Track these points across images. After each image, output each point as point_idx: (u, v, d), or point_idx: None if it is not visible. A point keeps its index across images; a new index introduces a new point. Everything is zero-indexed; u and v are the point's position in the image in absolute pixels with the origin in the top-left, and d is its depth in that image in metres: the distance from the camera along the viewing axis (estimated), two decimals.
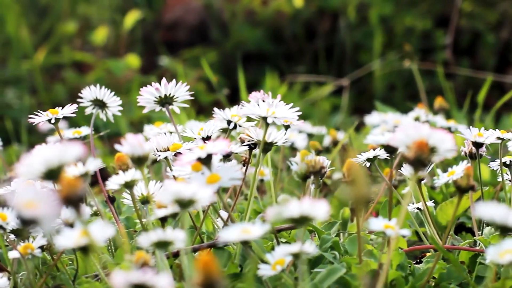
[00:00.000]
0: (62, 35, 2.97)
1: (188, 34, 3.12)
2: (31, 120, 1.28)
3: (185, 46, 3.05)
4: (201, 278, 0.79)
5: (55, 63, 2.91)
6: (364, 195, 0.79)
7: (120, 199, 1.35)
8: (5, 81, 2.65)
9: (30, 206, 0.78)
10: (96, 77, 2.73)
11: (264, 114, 1.18)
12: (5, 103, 2.54)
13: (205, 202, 0.95)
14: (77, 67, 2.98)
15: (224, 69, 2.89)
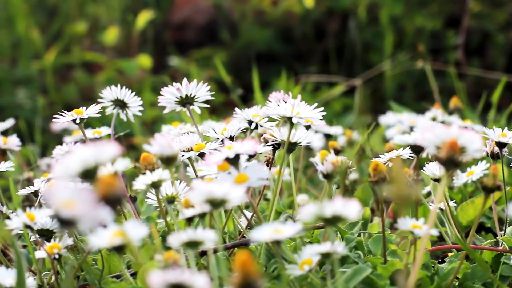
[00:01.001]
0: (72, 35, 2.97)
1: (197, 34, 3.12)
2: (56, 120, 1.28)
3: (194, 46, 3.06)
4: (240, 278, 0.79)
5: (65, 63, 2.91)
6: (406, 195, 0.79)
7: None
8: (15, 81, 2.65)
9: (68, 206, 0.78)
10: (107, 77, 2.73)
11: (289, 114, 1.18)
12: (16, 103, 2.54)
13: (237, 202, 0.95)
14: (87, 67, 2.98)
15: (233, 69, 2.89)
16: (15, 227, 1.05)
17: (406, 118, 1.82)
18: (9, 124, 1.72)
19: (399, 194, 0.79)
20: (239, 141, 1.07)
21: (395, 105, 2.05)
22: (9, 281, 1.08)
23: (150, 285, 0.81)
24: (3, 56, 2.71)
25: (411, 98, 2.65)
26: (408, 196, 0.79)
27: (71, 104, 2.73)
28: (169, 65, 2.90)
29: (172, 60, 2.87)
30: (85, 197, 0.78)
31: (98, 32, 3.16)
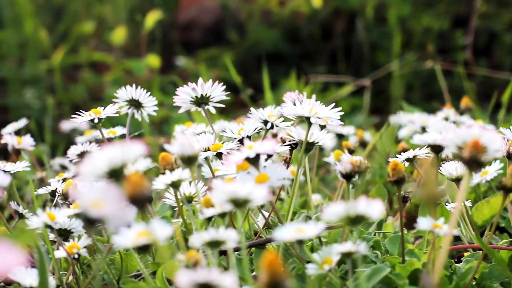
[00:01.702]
0: (79, 35, 2.97)
1: (203, 34, 3.13)
2: (73, 120, 1.28)
3: (200, 46, 3.06)
4: (267, 278, 0.79)
5: (72, 63, 2.91)
6: (434, 195, 0.80)
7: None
8: (23, 81, 2.65)
9: (96, 205, 0.78)
10: (114, 78, 2.73)
11: (308, 114, 1.19)
12: (24, 103, 2.54)
13: (260, 202, 0.95)
14: (93, 67, 2.99)
15: (240, 69, 2.89)
16: (35, 227, 1.05)
17: (418, 118, 1.82)
18: (22, 124, 1.72)
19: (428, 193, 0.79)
20: (258, 141, 1.07)
21: (406, 105, 2.05)
22: (28, 281, 1.08)
23: (177, 284, 0.81)
24: (10, 56, 2.71)
25: (418, 98, 2.65)
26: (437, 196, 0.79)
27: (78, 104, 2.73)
28: (176, 65, 2.90)
29: (179, 60, 2.87)
30: (113, 197, 0.78)
31: (104, 32, 3.16)
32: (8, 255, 0.65)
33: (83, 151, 1.45)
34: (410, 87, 2.77)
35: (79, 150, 1.44)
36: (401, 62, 2.62)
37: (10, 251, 0.65)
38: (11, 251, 0.65)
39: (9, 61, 2.71)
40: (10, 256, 0.65)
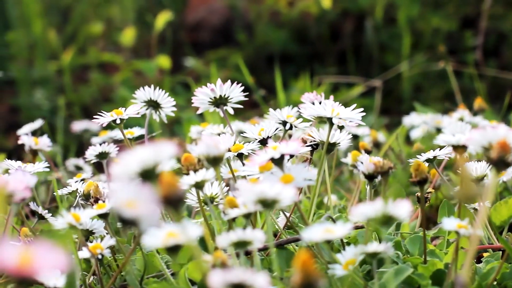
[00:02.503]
0: (87, 36, 2.97)
1: (212, 35, 3.13)
2: (96, 121, 1.28)
3: (208, 47, 3.06)
4: (301, 278, 0.80)
5: (81, 64, 2.91)
6: (471, 195, 0.80)
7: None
8: (33, 82, 2.65)
9: (130, 206, 0.78)
10: (123, 78, 2.73)
11: (330, 115, 1.19)
12: (34, 104, 2.54)
13: (288, 202, 0.95)
14: (101, 68, 2.99)
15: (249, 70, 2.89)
16: (61, 227, 1.06)
17: (431, 118, 1.82)
18: (37, 124, 1.72)
19: (465, 193, 0.79)
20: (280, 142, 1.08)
21: (419, 105, 2.05)
22: (52, 282, 1.08)
23: (210, 284, 0.81)
24: (20, 57, 2.71)
25: (427, 99, 2.66)
26: (474, 196, 0.79)
27: (88, 104, 2.74)
28: (184, 66, 2.91)
29: (188, 61, 2.87)
30: (146, 197, 0.79)
31: (111, 33, 3.16)
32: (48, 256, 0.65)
33: (102, 152, 1.45)
34: (419, 88, 2.78)
35: (98, 150, 1.45)
36: (411, 63, 2.63)
37: (50, 251, 0.65)
38: (50, 251, 0.65)
39: (19, 62, 2.71)
40: (50, 256, 0.65)
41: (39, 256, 0.64)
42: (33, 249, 0.64)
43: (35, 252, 0.64)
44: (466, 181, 0.80)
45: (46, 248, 0.64)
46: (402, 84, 2.68)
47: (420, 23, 2.76)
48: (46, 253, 0.64)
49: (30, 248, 0.65)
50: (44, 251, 0.64)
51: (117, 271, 1.14)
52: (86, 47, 2.99)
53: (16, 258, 0.63)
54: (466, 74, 2.58)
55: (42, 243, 0.65)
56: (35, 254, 0.64)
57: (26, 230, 1.21)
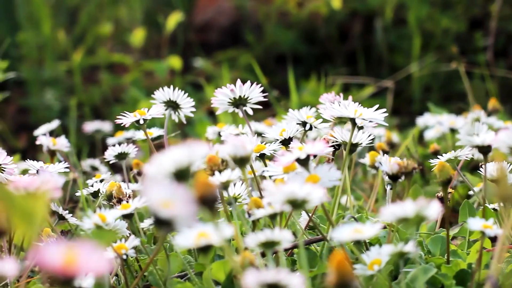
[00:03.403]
0: (97, 36, 2.97)
1: (220, 35, 3.13)
2: (118, 121, 1.28)
3: (217, 47, 3.06)
4: (336, 278, 0.80)
5: (90, 64, 2.92)
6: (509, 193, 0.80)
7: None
8: (42, 82, 2.65)
9: (166, 206, 0.78)
10: (133, 79, 2.73)
11: (353, 115, 1.19)
12: (45, 104, 2.54)
13: (316, 203, 0.96)
14: (109, 69, 2.99)
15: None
16: (87, 228, 1.06)
17: (446, 119, 1.83)
18: (54, 125, 1.72)
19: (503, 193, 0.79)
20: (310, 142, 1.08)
21: (433, 106, 2.06)
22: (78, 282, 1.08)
23: (245, 284, 0.82)
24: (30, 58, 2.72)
25: (436, 100, 2.66)
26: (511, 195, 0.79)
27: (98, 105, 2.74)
28: (193, 67, 2.91)
29: (197, 61, 2.87)
30: (182, 197, 0.79)
31: (119, 33, 3.16)
32: (91, 257, 0.65)
33: (121, 152, 1.45)
34: (428, 89, 2.78)
35: (117, 151, 1.45)
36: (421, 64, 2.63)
37: (92, 252, 0.65)
38: (93, 252, 0.65)
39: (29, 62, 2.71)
40: (93, 257, 0.65)
41: (83, 257, 0.64)
42: (76, 250, 0.65)
43: (78, 253, 0.64)
44: (504, 181, 0.80)
45: (89, 249, 0.65)
46: (412, 85, 2.69)
47: (428, 24, 2.76)
48: (89, 254, 0.65)
49: (73, 248, 0.65)
50: (87, 251, 0.65)
51: (141, 272, 1.14)
52: (94, 47, 2.99)
53: (60, 259, 0.63)
54: (475, 74, 2.58)
55: (85, 244, 0.65)
56: (78, 254, 0.64)
57: (48, 230, 1.22)
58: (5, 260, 0.82)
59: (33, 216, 0.62)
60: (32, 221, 0.62)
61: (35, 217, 0.62)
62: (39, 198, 0.61)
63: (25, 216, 0.61)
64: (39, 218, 0.62)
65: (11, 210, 0.61)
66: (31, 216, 0.62)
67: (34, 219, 0.62)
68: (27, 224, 0.62)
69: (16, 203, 0.61)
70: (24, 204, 0.62)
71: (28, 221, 0.62)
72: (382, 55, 2.81)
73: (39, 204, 0.62)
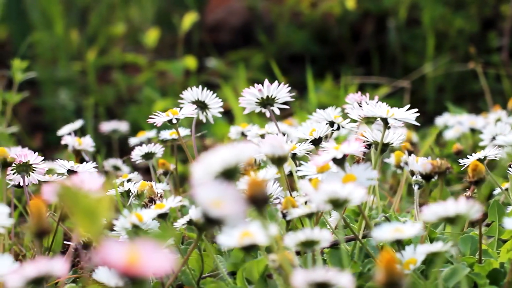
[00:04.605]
0: (109, 37, 2.98)
1: (231, 36, 3.13)
2: (150, 121, 1.29)
3: (228, 48, 3.07)
4: (384, 277, 0.80)
5: (103, 65, 2.92)
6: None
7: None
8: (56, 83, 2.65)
9: (217, 205, 0.79)
10: (146, 79, 2.74)
11: (385, 115, 1.20)
12: (60, 104, 2.55)
13: (357, 202, 0.96)
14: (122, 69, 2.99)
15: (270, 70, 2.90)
16: (124, 227, 1.06)
17: (466, 119, 1.83)
18: (78, 125, 1.72)
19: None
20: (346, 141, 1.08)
21: (453, 106, 2.06)
22: (114, 281, 1.08)
23: (293, 284, 0.82)
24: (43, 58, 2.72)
25: (449, 100, 2.66)
26: None
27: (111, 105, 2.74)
28: (206, 67, 2.91)
29: (210, 61, 2.88)
30: (232, 197, 0.79)
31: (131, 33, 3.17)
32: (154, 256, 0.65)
33: (148, 152, 1.46)
34: (442, 89, 2.79)
35: (144, 151, 1.45)
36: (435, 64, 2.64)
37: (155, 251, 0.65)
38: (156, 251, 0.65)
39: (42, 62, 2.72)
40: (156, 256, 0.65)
41: (146, 256, 0.64)
42: (139, 249, 0.65)
43: (141, 252, 0.64)
44: None
45: (152, 248, 0.65)
46: (426, 85, 2.69)
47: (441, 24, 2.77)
48: (152, 253, 0.65)
49: (136, 247, 0.65)
50: (150, 251, 0.65)
51: (175, 272, 1.14)
52: (107, 48, 2.99)
53: (124, 258, 0.64)
54: (489, 75, 2.58)
55: (147, 243, 0.65)
56: (141, 253, 0.64)
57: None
58: (55, 260, 0.83)
59: (96, 215, 0.62)
60: (96, 220, 0.62)
61: (99, 217, 0.63)
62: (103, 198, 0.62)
63: (88, 215, 0.62)
64: (102, 217, 0.63)
65: (76, 209, 0.62)
66: (95, 216, 0.62)
67: (98, 218, 0.62)
68: (91, 223, 0.62)
69: (80, 203, 0.62)
70: (88, 204, 0.62)
71: (91, 220, 0.62)
72: (395, 55, 2.82)
73: (102, 204, 0.62)
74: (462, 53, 2.74)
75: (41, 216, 0.87)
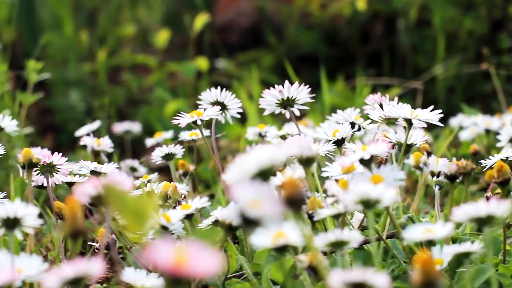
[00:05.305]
0: (119, 38, 2.98)
1: (240, 37, 3.14)
2: (175, 122, 1.29)
3: (237, 49, 3.07)
4: (421, 277, 0.80)
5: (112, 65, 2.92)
6: None
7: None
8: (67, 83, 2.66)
9: (254, 206, 0.79)
10: (156, 80, 2.74)
11: (409, 116, 1.20)
12: (70, 105, 2.55)
13: (388, 203, 0.96)
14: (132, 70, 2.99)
15: (279, 71, 2.90)
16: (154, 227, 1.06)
17: (481, 120, 1.84)
18: (96, 125, 1.73)
19: None
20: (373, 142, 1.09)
21: (467, 107, 2.07)
22: (140, 282, 1.09)
23: (330, 284, 0.82)
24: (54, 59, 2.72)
25: (459, 101, 2.67)
26: None
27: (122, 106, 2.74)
28: (215, 68, 2.91)
29: (220, 62, 2.88)
30: (270, 198, 0.79)
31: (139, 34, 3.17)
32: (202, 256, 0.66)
33: (168, 153, 1.46)
34: (451, 90, 2.79)
35: (164, 151, 1.46)
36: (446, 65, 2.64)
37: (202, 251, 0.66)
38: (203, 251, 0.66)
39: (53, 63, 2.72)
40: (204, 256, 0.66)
41: (193, 256, 0.65)
42: (187, 249, 0.65)
43: (189, 253, 0.65)
44: None
45: (199, 248, 0.65)
46: (436, 86, 2.70)
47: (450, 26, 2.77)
48: (199, 253, 0.65)
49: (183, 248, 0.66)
50: (197, 251, 0.65)
51: None
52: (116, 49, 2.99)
53: (171, 258, 0.64)
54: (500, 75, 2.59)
55: (194, 244, 0.66)
56: (189, 254, 0.65)
57: (103, 231, 1.22)
58: (92, 260, 0.83)
59: (144, 216, 0.62)
60: (143, 221, 0.62)
61: (146, 217, 0.63)
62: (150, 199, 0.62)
63: (136, 216, 0.62)
64: (149, 218, 0.63)
65: (123, 210, 0.62)
66: (143, 216, 0.62)
67: (145, 219, 0.63)
68: (139, 224, 0.62)
69: (128, 204, 0.62)
70: (135, 205, 0.62)
71: (139, 221, 0.62)
72: (406, 56, 2.82)
73: (149, 205, 0.63)
74: (472, 54, 2.75)
75: (77, 217, 0.87)
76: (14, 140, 1.81)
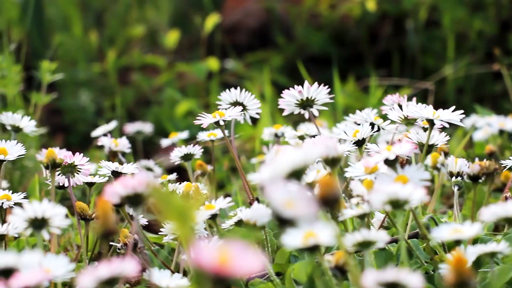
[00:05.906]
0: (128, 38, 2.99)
1: (248, 37, 3.14)
2: (197, 122, 1.29)
3: (245, 49, 3.07)
4: (454, 277, 0.81)
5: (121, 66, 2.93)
6: None
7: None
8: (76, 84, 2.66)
9: (289, 206, 0.79)
10: (166, 80, 2.74)
11: (431, 116, 1.21)
12: (81, 106, 2.55)
13: (417, 203, 0.97)
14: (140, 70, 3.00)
15: (288, 72, 2.91)
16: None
17: (495, 121, 1.84)
18: (112, 126, 1.73)
19: None
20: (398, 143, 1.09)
21: (480, 107, 2.07)
22: (165, 282, 1.09)
23: (364, 283, 0.83)
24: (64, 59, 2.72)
25: (469, 101, 2.67)
26: None
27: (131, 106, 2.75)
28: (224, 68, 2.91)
29: (228, 63, 2.89)
30: (304, 198, 0.80)
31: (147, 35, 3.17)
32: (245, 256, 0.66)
33: (187, 153, 1.46)
34: (461, 90, 2.80)
35: (183, 152, 1.46)
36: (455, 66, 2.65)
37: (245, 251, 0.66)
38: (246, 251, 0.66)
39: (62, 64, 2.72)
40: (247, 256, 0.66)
41: (237, 256, 0.65)
42: (229, 250, 0.65)
43: (232, 253, 0.65)
44: None
45: (241, 248, 0.65)
46: (446, 87, 2.70)
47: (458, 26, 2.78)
48: (242, 253, 0.65)
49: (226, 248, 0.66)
50: (240, 251, 0.65)
51: None
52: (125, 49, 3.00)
53: (215, 258, 0.64)
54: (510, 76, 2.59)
55: (237, 243, 0.66)
56: (232, 254, 0.65)
57: (126, 231, 1.22)
58: (126, 260, 0.83)
59: (188, 218, 0.63)
60: (188, 223, 0.63)
61: (190, 219, 0.63)
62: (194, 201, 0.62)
63: (181, 217, 0.62)
64: (193, 219, 0.64)
65: (168, 211, 0.63)
66: (187, 218, 0.63)
67: (189, 221, 0.63)
68: (183, 225, 0.63)
69: (172, 205, 0.62)
70: (181, 207, 0.63)
71: (184, 223, 0.63)
72: (415, 57, 2.83)
73: (193, 206, 0.63)
74: (482, 54, 2.75)
75: (108, 217, 0.87)
76: (29, 141, 1.81)
